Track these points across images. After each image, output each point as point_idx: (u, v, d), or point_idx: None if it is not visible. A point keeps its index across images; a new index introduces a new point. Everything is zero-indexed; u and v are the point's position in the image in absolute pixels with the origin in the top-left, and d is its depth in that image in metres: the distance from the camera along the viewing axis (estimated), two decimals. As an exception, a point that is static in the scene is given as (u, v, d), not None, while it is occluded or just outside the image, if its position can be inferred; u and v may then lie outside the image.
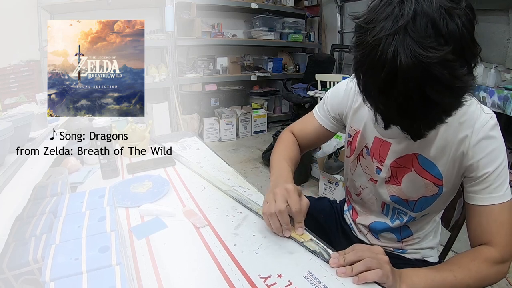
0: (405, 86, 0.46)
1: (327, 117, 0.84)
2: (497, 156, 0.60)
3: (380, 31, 0.46)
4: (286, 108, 4.25)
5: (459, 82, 0.46)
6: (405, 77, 0.45)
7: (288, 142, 0.88)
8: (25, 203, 0.56)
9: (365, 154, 0.77)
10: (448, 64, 0.44)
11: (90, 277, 0.38)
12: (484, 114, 0.61)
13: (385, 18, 0.46)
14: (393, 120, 0.53)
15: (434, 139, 0.65)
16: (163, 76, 3.08)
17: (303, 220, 0.65)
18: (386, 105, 0.51)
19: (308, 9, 4.16)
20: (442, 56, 0.44)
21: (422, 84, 0.45)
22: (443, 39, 0.45)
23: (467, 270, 0.58)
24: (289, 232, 0.65)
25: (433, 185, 0.67)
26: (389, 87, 0.47)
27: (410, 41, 0.44)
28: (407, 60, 0.44)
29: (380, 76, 0.47)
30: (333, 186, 2.12)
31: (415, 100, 0.47)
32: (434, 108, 0.48)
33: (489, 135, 0.60)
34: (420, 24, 0.45)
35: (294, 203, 0.63)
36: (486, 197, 0.61)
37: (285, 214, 0.63)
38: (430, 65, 0.44)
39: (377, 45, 0.46)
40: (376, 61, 0.46)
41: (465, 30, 0.46)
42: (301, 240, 0.64)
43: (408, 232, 0.77)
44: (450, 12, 0.45)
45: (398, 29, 0.45)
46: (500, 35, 2.43)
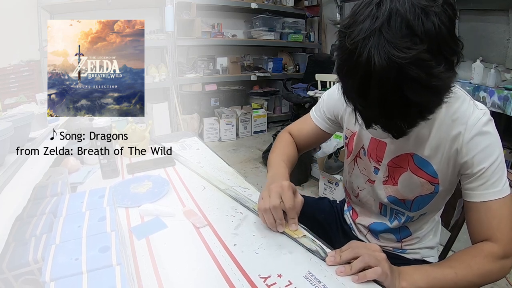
0: (380, 88, 0.46)
1: (323, 118, 0.85)
2: (492, 151, 0.60)
3: (358, 34, 0.47)
4: (286, 108, 4.25)
5: (437, 81, 0.46)
6: (380, 78, 0.46)
7: (286, 142, 0.89)
8: (25, 203, 0.56)
9: (362, 155, 0.77)
10: (422, 63, 0.45)
11: (90, 277, 0.38)
12: (477, 111, 0.61)
13: (363, 21, 0.47)
14: (373, 120, 0.54)
15: (427, 138, 0.65)
16: (163, 76, 3.08)
17: (296, 217, 0.67)
18: (365, 106, 0.52)
19: (308, 9, 4.16)
20: (415, 56, 0.44)
21: (399, 85, 0.46)
22: (418, 38, 0.45)
23: (469, 266, 0.58)
24: (282, 228, 0.66)
25: (428, 184, 0.67)
26: (366, 89, 0.48)
27: (384, 43, 0.45)
28: (381, 61, 0.45)
29: (357, 79, 0.48)
30: (333, 186, 2.12)
31: (393, 100, 0.47)
32: (413, 107, 0.48)
33: (483, 131, 0.60)
34: (395, 25, 0.45)
35: (288, 199, 0.65)
36: (483, 193, 0.60)
37: (279, 210, 0.65)
38: (404, 65, 0.44)
39: (354, 49, 0.47)
40: (353, 64, 0.48)
41: (443, 27, 0.46)
42: (295, 236, 0.64)
43: (407, 232, 0.77)
44: (426, 11, 0.45)
45: (373, 31, 0.46)
46: (500, 35, 2.43)
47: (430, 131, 0.64)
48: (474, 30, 2.55)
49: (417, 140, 0.66)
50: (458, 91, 0.64)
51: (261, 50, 4.19)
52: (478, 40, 2.53)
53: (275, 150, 0.87)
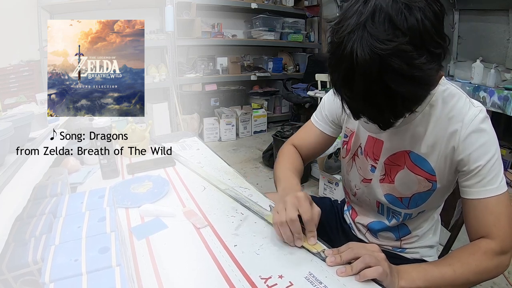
0: (364, 79, 0.48)
1: (326, 122, 0.84)
2: (488, 149, 0.60)
3: (345, 29, 0.49)
4: (286, 108, 4.25)
5: (418, 71, 0.47)
6: (363, 71, 0.48)
7: (291, 154, 0.87)
8: (25, 203, 0.56)
9: (359, 154, 0.78)
10: (403, 54, 0.46)
11: (90, 278, 0.37)
12: (474, 108, 0.61)
13: (351, 17, 0.49)
14: (360, 111, 0.55)
15: (424, 135, 0.65)
16: (163, 76, 3.08)
17: (315, 229, 0.62)
18: (351, 97, 0.53)
19: (308, 9, 4.16)
20: (396, 47, 0.46)
21: (381, 76, 0.47)
22: (400, 32, 0.47)
23: (467, 264, 0.58)
24: (300, 242, 0.62)
25: (426, 181, 0.68)
26: (351, 81, 0.50)
27: (367, 36, 0.47)
28: (363, 53, 0.47)
29: (342, 71, 0.50)
30: (333, 186, 2.12)
31: (377, 91, 0.49)
32: (397, 98, 0.49)
33: (479, 128, 0.60)
34: (379, 20, 0.47)
35: (305, 211, 0.61)
36: (480, 191, 0.60)
37: (296, 223, 0.61)
38: (385, 56, 0.46)
39: (340, 43, 0.49)
40: (339, 57, 0.50)
41: (427, 21, 0.47)
42: (314, 250, 0.60)
43: (406, 230, 0.77)
44: (409, 6, 0.47)
45: (358, 26, 0.48)
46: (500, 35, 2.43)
47: (426, 129, 0.65)
48: (474, 30, 2.55)
49: (413, 137, 0.66)
50: (454, 88, 0.64)
51: (261, 50, 4.19)
52: (478, 40, 2.53)
53: (281, 163, 0.84)
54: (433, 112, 0.64)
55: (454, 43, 2.67)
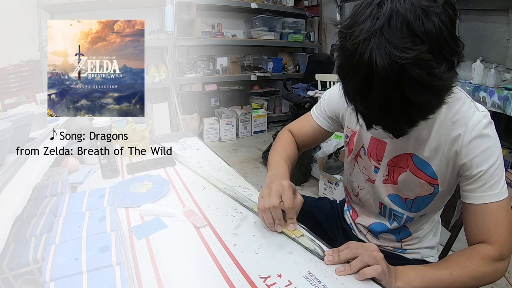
0: (382, 88, 0.47)
1: (324, 117, 0.85)
2: (491, 154, 0.59)
3: (358, 35, 0.47)
4: (286, 108, 4.25)
5: (438, 81, 0.46)
6: (382, 79, 0.46)
7: (287, 141, 0.89)
8: (25, 203, 0.56)
9: (362, 154, 0.77)
10: (423, 63, 0.45)
11: (90, 277, 0.38)
12: (478, 113, 0.61)
13: (364, 21, 0.47)
14: (375, 121, 0.54)
15: (427, 139, 0.65)
16: (163, 76, 3.08)
17: (295, 217, 0.67)
18: (366, 107, 0.52)
19: (308, 9, 4.16)
20: (416, 56, 0.44)
21: (400, 85, 0.46)
22: (418, 38, 0.45)
23: (465, 268, 0.58)
24: (281, 228, 0.66)
25: (428, 185, 0.68)
26: (368, 90, 0.48)
27: (385, 43, 0.45)
28: (382, 62, 0.45)
29: (358, 79, 0.48)
30: (333, 186, 2.12)
31: (394, 101, 0.47)
32: (414, 107, 0.48)
33: (483, 133, 0.60)
34: (396, 25, 0.45)
35: (287, 199, 0.65)
36: (481, 196, 0.60)
37: (278, 209, 0.65)
38: (405, 65, 0.44)
39: (355, 49, 0.47)
40: (354, 65, 0.48)
41: (444, 27, 0.46)
42: (293, 235, 0.65)
43: (407, 233, 0.77)
44: (426, 11, 0.45)
45: (374, 31, 0.46)
46: (500, 35, 2.43)
47: (430, 133, 0.64)
48: (474, 30, 2.55)
49: (417, 141, 0.66)
50: (459, 92, 0.64)
51: (261, 50, 4.19)
52: (478, 40, 2.53)
53: (275, 149, 0.87)
54: (437, 116, 0.63)
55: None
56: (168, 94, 3.19)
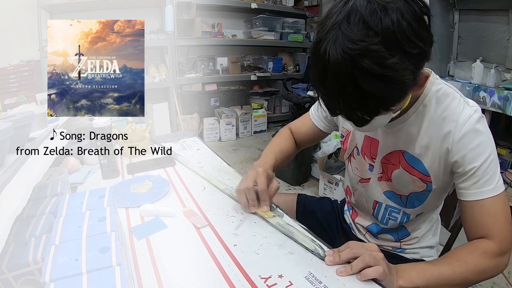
0: (336, 78, 0.49)
1: (320, 117, 0.87)
2: (483, 149, 0.59)
3: (324, 29, 0.50)
4: (286, 108, 4.25)
5: (389, 71, 0.47)
6: (334, 70, 0.48)
7: (283, 137, 0.94)
8: (25, 203, 0.56)
9: (355, 154, 0.78)
10: (373, 54, 0.46)
11: (90, 277, 0.37)
12: (468, 108, 0.61)
13: (331, 17, 0.50)
14: (336, 108, 0.55)
15: (417, 136, 0.65)
16: (163, 76, 3.07)
17: (267, 199, 0.73)
18: (325, 95, 0.54)
19: (308, 9, 4.15)
20: (366, 47, 0.46)
21: (353, 76, 0.47)
22: (373, 32, 0.47)
23: (465, 263, 0.58)
24: (254, 208, 0.73)
25: (420, 181, 0.68)
26: (324, 80, 0.51)
27: (341, 37, 0.47)
28: (335, 54, 0.47)
29: (318, 70, 0.51)
30: (333, 186, 2.12)
31: (349, 91, 0.49)
32: (370, 98, 0.49)
33: (474, 128, 0.59)
34: (354, 21, 0.47)
35: (260, 183, 0.72)
36: (476, 192, 0.60)
37: (251, 191, 0.72)
38: (355, 56, 0.46)
39: (318, 43, 0.50)
40: (315, 57, 0.51)
41: (405, 22, 0.47)
42: (265, 216, 0.71)
43: (405, 232, 0.77)
44: (386, 7, 0.47)
45: (334, 26, 0.49)
46: (500, 35, 2.42)
47: (419, 129, 0.65)
48: (474, 30, 2.55)
49: (407, 137, 0.66)
50: (448, 88, 0.64)
51: (261, 50, 4.18)
52: (478, 40, 2.53)
53: (270, 144, 0.92)
54: (426, 112, 0.64)
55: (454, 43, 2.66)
56: (168, 94, 3.19)
